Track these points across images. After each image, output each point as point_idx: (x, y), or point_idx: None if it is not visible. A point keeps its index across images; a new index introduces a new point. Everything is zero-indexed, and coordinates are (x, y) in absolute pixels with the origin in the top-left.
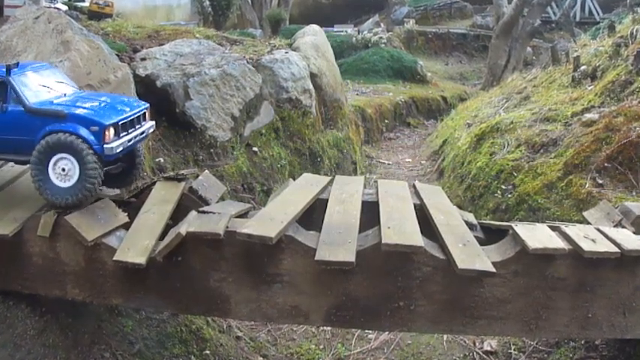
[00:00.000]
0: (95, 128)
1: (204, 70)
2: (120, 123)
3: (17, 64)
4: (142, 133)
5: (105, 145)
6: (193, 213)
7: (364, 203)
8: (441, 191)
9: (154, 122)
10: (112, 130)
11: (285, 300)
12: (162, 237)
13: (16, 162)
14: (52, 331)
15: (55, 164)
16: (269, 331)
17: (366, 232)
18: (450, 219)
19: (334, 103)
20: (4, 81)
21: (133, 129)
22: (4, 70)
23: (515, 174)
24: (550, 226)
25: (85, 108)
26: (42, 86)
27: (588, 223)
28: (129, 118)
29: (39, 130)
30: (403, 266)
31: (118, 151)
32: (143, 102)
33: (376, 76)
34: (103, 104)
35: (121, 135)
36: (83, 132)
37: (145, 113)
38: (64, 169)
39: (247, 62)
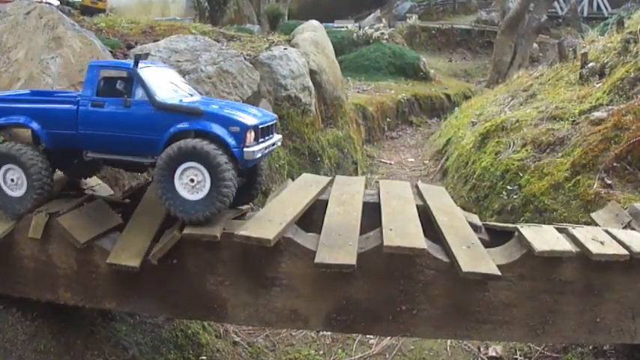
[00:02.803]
0: (236, 129)
1: (201, 67)
2: (260, 127)
3: (147, 54)
4: (273, 144)
5: (245, 149)
6: None
7: (365, 204)
8: (444, 192)
9: (281, 136)
10: (252, 134)
11: (284, 304)
12: (156, 239)
13: (132, 166)
14: (43, 336)
15: (181, 174)
16: (267, 336)
17: (367, 234)
18: (454, 220)
19: (334, 101)
20: (131, 73)
21: (268, 137)
22: (133, 61)
23: (521, 174)
24: (557, 228)
25: (221, 107)
26: (171, 83)
27: (596, 224)
28: (266, 124)
29: (168, 128)
30: (405, 269)
31: (257, 156)
32: (270, 112)
33: (378, 73)
34: (236, 108)
35: (260, 141)
36: (221, 132)
37: (275, 125)
38: (192, 180)
39: (245, 59)
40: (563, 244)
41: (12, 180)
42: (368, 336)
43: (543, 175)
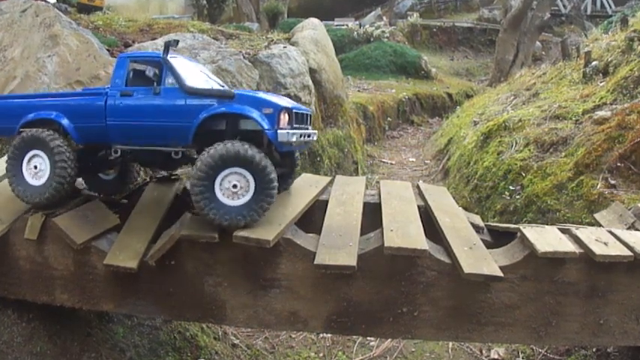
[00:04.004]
0: (269, 110)
1: None
2: (294, 111)
3: (177, 41)
4: (309, 135)
5: (279, 131)
6: (187, 215)
7: (366, 205)
8: (446, 192)
9: (316, 132)
10: (286, 116)
11: (284, 306)
12: (154, 240)
13: (161, 160)
14: (39, 338)
15: (222, 180)
16: (266, 338)
17: (367, 235)
18: (456, 221)
19: (334, 100)
20: (160, 62)
21: (304, 126)
22: (163, 48)
23: (524, 174)
24: (560, 229)
25: (254, 92)
26: (202, 72)
27: (600, 225)
28: (301, 111)
29: (199, 113)
30: (407, 271)
31: (292, 140)
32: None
33: (378, 71)
34: (269, 94)
35: (294, 127)
36: (254, 114)
37: (310, 117)
38: (235, 186)
39: (244, 57)
40: (566, 245)
41: (35, 167)
42: (369, 338)
43: (546, 175)
